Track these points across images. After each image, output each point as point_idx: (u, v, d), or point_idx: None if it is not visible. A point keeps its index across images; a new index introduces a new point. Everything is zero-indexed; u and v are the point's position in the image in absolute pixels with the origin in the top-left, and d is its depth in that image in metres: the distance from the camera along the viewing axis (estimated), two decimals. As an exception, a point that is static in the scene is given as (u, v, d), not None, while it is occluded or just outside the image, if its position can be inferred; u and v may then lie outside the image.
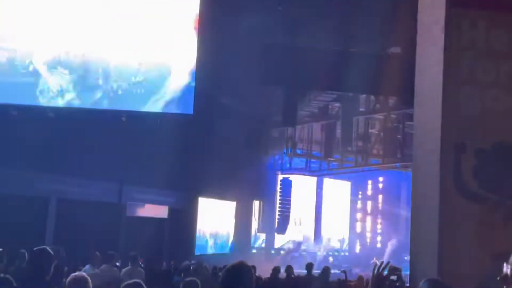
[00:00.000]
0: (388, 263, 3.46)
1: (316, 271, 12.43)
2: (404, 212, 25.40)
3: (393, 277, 3.46)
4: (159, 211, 18.26)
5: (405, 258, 19.01)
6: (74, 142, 13.62)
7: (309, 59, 14.39)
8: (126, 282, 5.45)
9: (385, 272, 3.45)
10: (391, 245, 25.64)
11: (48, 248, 4.62)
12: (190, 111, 12.58)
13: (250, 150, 20.31)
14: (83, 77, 12.66)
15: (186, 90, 12.59)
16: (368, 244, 28.60)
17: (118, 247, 14.19)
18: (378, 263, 3.49)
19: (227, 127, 17.90)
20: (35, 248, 4.76)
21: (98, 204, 15.36)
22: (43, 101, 12.63)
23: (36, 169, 13.65)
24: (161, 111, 12.69)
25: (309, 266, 11.93)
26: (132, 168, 15.42)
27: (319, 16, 13.79)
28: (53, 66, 12.60)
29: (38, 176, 14.14)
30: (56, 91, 12.57)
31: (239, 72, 15.07)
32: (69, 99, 12.65)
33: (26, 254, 9.44)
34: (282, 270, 12.36)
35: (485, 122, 5.03)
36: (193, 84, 12.58)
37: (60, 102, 12.63)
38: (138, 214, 17.65)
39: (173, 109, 12.71)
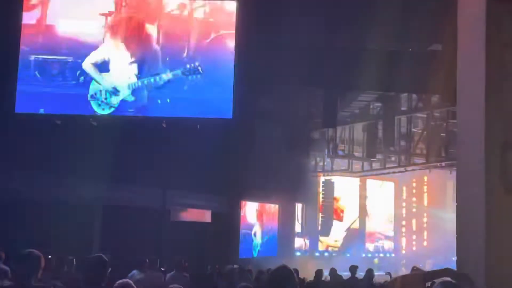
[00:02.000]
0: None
1: (360, 273, 12.29)
2: (450, 212, 24.94)
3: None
4: (203, 216, 18.36)
5: (452, 258, 18.66)
6: (117, 149, 13.82)
7: (349, 59, 14.28)
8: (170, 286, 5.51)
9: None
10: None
11: (103, 255, 4.71)
12: (229, 115, 12.62)
13: (291, 153, 20.25)
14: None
15: (225, 94, 12.65)
16: (414, 245, 28.19)
17: (162, 252, 14.33)
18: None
19: (268, 130, 17.91)
20: (91, 256, 4.84)
21: (142, 210, 15.54)
22: (95, 106, 12.86)
23: (82, 177, 13.90)
24: (201, 116, 12.77)
25: (353, 268, 11.81)
26: (175, 173, 15.55)
27: (358, 16, 13.67)
28: (104, 68, 12.91)
29: (84, 183, 14.39)
30: (109, 91, 12.84)
31: (278, 74, 15.05)
32: (123, 97, 12.90)
33: (74, 260, 9.62)
34: (326, 272, 12.28)
35: (531, 118, 4.86)
36: (232, 88, 12.63)
37: (115, 101, 12.86)
38: (181, 219, 17.78)
39: (213, 114, 12.78)
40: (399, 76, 14.70)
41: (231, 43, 12.95)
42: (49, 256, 9.58)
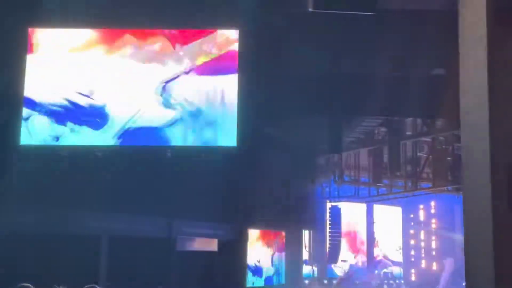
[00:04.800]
0: None
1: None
2: (459, 236, 24.73)
3: None
4: (209, 244, 18.26)
5: (463, 284, 18.46)
6: (122, 179, 13.83)
7: (353, 85, 14.33)
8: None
9: None
10: (448, 265, 24.84)
11: (96, 286, 4.67)
12: (234, 143, 12.63)
13: (297, 180, 20.21)
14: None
15: (228, 122, 12.67)
16: (424, 270, 27.90)
17: (169, 283, 14.23)
18: None
19: (272, 157, 17.89)
20: (85, 287, 4.82)
21: (148, 240, 15.49)
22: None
23: (87, 208, 13.89)
24: (205, 144, 12.78)
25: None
26: (180, 203, 15.52)
27: (361, 42, 13.73)
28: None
29: (90, 215, 14.37)
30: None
31: (282, 101, 15.09)
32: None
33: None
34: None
35: (536, 140, 4.85)
36: (236, 116, 12.65)
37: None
38: (188, 248, 17.69)
39: (217, 142, 12.79)
40: (403, 101, 14.73)
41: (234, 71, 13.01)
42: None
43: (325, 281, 24.28)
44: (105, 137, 12.68)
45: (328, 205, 23.88)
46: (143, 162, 13.49)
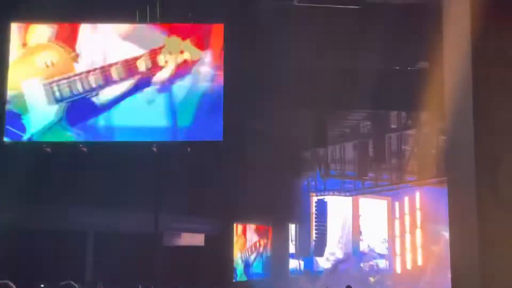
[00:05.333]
0: None
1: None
2: (444, 228, 24.92)
3: None
4: (196, 239, 18.26)
5: (447, 275, 18.59)
6: (108, 175, 13.77)
7: (338, 79, 14.34)
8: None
9: None
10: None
11: (72, 282, 4.64)
12: (220, 137, 12.60)
13: (283, 173, 20.24)
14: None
15: (214, 116, 12.63)
16: (409, 262, 28.07)
17: (156, 277, 14.21)
18: None
19: (259, 151, 17.89)
20: (61, 283, 4.78)
21: (134, 235, 15.45)
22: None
23: (72, 204, 13.82)
24: (191, 139, 12.73)
25: (349, 289, 11.77)
26: (167, 198, 15.49)
27: (345, 36, 13.75)
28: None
29: (74, 210, 14.30)
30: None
31: (268, 95, 15.09)
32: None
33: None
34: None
35: (520, 132, 4.90)
36: (221, 110, 12.61)
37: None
38: (174, 243, 17.67)
39: (203, 137, 12.74)
40: (388, 95, 14.77)
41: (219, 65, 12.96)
42: (42, 285, 9.47)
43: (311, 275, 24.37)
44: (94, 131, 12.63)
45: (314, 198, 23.96)
46: (129, 157, 13.42)
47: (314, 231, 23.56)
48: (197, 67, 12.64)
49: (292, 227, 23.41)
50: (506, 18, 4.93)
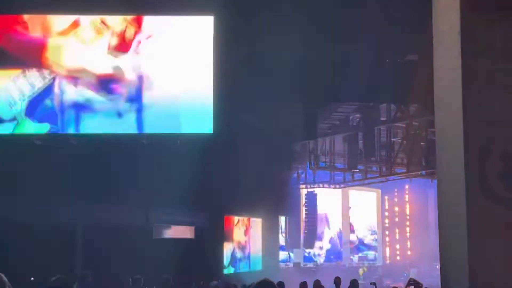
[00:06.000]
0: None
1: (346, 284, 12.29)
2: (433, 220, 25.11)
3: None
4: (186, 232, 18.25)
5: (436, 266, 18.75)
6: (98, 167, 13.72)
7: (327, 71, 14.37)
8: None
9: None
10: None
11: (65, 275, 4.62)
12: (210, 130, 12.61)
13: (273, 166, 20.26)
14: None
15: (204, 109, 12.63)
16: (398, 253, 28.27)
17: (146, 270, 14.20)
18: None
19: (249, 144, 17.89)
20: (52, 278, 4.75)
21: (125, 228, 15.41)
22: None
23: (61, 197, 13.76)
24: (181, 132, 12.73)
25: (337, 280, 11.81)
26: (157, 191, 15.47)
27: (335, 28, 13.77)
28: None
29: (65, 203, 14.24)
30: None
31: (258, 88, 15.09)
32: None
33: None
34: (310, 285, 12.25)
35: (508, 124, 4.93)
36: (212, 103, 12.62)
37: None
38: (164, 236, 17.67)
39: (193, 130, 12.75)
40: (378, 87, 14.82)
41: (210, 58, 12.96)
42: (32, 278, 9.45)
43: (301, 266, 24.48)
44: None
45: (304, 191, 24.02)
46: (119, 150, 13.39)
47: (304, 223, 23.64)
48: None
49: (282, 219, 23.48)
50: (496, 11, 4.96)
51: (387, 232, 28.47)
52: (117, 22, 12.85)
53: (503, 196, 4.91)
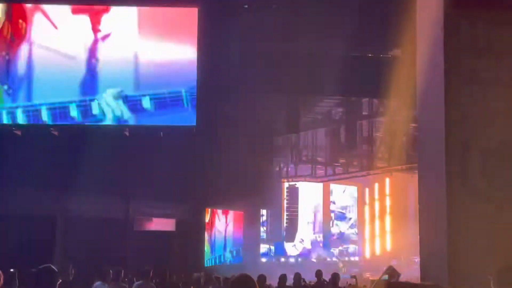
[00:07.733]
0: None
1: (326, 278, 12.35)
2: (413, 214, 25.30)
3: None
4: (167, 224, 18.20)
5: (415, 260, 18.92)
6: (79, 159, 13.62)
7: (310, 65, 14.39)
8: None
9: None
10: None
11: (52, 266, 4.60)
12: (193, 122, 12.58)
13: (255, 159, 20.26)
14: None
15: (187, 101, 12.60)
16: (378, 248, 28.45)
17: (126, 262, 14.15)
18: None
19: (231, 137, 17.88)
20: (39, 267, 4.74)
21: (105, 220, 15.33)
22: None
23: (42, 188, 13.65)
24: (164, 124, 12.69)
25: (319, 273, 11.86)
26: (138, 183, 15.41)
27: (318, 22, 13.79)
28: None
29: (45, 194, 14.13)
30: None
31: (240, 81, 15.07)
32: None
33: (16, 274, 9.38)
34: (291, 277, 12.28)
35: (489, 120, 5.00)
36: (195, 95, 12.59)
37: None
38: (145, 228, 17.62)
39: (176, 122, 12.71)
40: (360, 81, 14.88)
41: (193, 50, 12.91)
42: (12, 270, 9.36)
43: (282, 259, 24.55)
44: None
45: (286, 184, 24.07)
46: (101, 141, 13.30)
47: (285, 216, 23.70)
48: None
49: (263, 212, 23.51)
50: (478, 7, 5.01)
51: (367, 226, 28.62)
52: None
53: (484, 191, 4.98)
